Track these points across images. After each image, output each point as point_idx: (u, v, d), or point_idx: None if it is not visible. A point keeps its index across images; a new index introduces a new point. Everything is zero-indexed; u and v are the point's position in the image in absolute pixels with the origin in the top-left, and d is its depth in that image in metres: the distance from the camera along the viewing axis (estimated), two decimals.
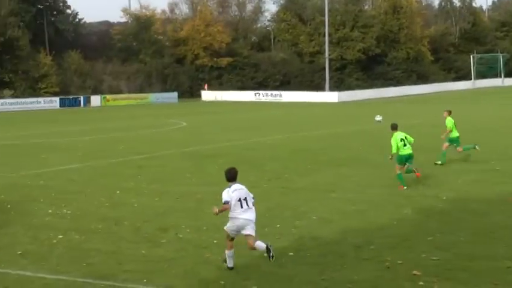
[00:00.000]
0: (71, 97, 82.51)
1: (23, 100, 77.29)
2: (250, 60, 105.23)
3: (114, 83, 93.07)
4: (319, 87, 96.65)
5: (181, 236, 15.04)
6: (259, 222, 16.15)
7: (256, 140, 36.19)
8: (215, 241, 14.48)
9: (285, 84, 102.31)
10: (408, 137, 21.05)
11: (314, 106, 73.28)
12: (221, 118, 56.34)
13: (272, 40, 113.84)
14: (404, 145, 20.84)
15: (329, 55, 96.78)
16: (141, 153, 30.63)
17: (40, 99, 79.24)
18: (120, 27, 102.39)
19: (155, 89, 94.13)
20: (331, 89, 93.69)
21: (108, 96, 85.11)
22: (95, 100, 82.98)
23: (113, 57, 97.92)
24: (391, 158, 21.12)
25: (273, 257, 12.06)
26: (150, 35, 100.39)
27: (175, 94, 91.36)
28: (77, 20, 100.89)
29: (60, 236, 15.02)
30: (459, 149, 25.98)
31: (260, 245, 12.23)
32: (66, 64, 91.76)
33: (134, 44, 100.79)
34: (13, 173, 24.79)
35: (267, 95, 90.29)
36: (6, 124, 52.47)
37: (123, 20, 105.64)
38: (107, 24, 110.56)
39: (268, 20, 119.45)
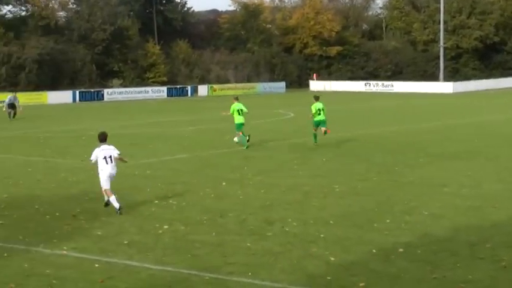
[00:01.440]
0: (178, 87, 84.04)
1: (131, 89, 79.20)
2: (360, 49, 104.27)
3: (221, 73, 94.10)
4: (433, 78, 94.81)
5: (287, 229, 15.05)
6: (368, 217, 16.05)
7: (365, 132, 35.85)
8: (322, 235, 14.42)
9: (397, 74, 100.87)
10: (324, 108, 30.51)
11: (427, 97, 71.94)
12: (329, 109, 55.82)
13: (384, 28, 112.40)
14: (319, 114, 30.20)
15: (444, 43, 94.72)
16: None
17: (148, 88, 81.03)
18: (228, 16, 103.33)
19: (263, 78, 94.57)
20: (446, 79, 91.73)
21: (215, 86, 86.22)
22: (202, 90, 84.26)
23: (221, 47, 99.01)
24: (311, 117, 30.45)
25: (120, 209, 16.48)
26: (259, 24, 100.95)
27: (283, 84, 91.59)
28: (186, 8, 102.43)
29: (166, 227, 15.30)
30: None
31: (114, 201, 16.63)
32: (174, 53, 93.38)
33: (242, 32, 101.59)
34: (121, 163, 25.42)
35: (377, 85, 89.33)
36: (114, 113, 53.96)
37: (232, 8, 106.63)
38: (215, 12, 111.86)
39: (380, 8, 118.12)
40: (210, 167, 24.31)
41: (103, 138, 17.79)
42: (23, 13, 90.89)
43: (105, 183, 17.02)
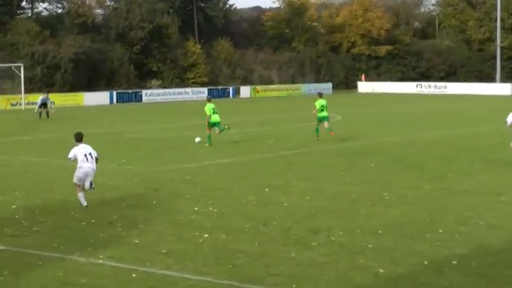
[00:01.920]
0: (219, 88, 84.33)
1: (170, 91, 79.60)
2: (412, 49, 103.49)
3: (264, 73, 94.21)
4: (489, 79, 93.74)
5: (333, 238, 15.01)
6: (419, 227, 15.93)
7: (416, 136, 35.59)
8: (370, 246, 14.35)
9: (451, 75, 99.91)
10: (325, 104, 33.98)
11: (483, 99, 71.17)
12: (379, 112, 55.83)
13: (437, 26, 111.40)
14: (322, 110, 33.86)
15: (501, 42, 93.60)
16: (291, 149, 30.88)
17: (188, 89, 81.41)
18: (272, 13, 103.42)
19: (308, 79, 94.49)
20: (503, 80, 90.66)
21: (258, 87, 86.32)
22: (245, 91, 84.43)
23: (264, 46, 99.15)
24: (314, 113, 34.14)
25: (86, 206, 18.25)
26: (304, 22, 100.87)
27: (329, 85, 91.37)
28: (227, 6, 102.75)
29: (206, 235, 15.36)
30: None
31: (82, 198, 18.45)
32: (216, 53, 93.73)
33: (287, 31, 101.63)
34: (159, 167, 25.63)
35: (430, 86, 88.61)
36: (153, 115, 54.33)
37: (276, 5, 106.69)
38: (258, 10, 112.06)
39: (433, 4, 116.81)
40: (253, 172, 24.35)
41: (79, 138, 19.57)
42: (59, 10, 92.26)
43: (76, 179, 18.67)
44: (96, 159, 19.01)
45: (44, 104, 50.40)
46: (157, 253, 14.09)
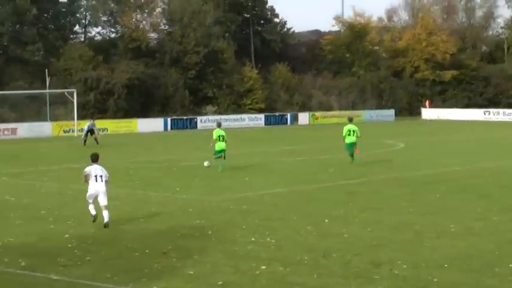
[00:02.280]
0: (277, 114, 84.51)
1: (226, 117, 79.60)
2: (479, 73, 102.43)
3: (323, 99, 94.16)
4: None
5: (396, 272, 14.91)
6: (487, 260, 15.72)
7: (483, 166, 35.19)
8: (435, 280, 14.23)
9: None
10: (357, 130, 35.49)
11: None
12: (443, 139, 55.32)
13: (505, 50, 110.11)
14: (349, 134, 35.54)
15: None
16: (352, 178, 30.78)
17: (244, 116, 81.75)
18: (332, 37, 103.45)
19: (369, 105, 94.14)
20: None
21: (317, 114, 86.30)
22: (303, 118, 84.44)
23: (323, 70, 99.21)
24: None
25: (106, 225, 19.85)
26: (365, 45, 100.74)
27: (391, 111, 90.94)
28: (285, 29, 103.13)
29: (263, 267, 15.38)
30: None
31: (105, 214, 20.06)
32: (273, 78, 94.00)
33: (347, 55, 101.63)
34: (215, 196, 25.76)
35: (498, 113, 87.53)
36: (209, 142, 54.61)
37: (335, 28, 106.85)
38: (317, 33, 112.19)
39: (502, 27, 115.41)
40: (312, 202, 24.33)
41: (95, 159, 21.30)
42: (113, 35, 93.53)
43: (89, 199, 20.65)
44: (106, 181, 20.65)
45: (90, 131, 51.23)
46: (212, 285, 14.14)
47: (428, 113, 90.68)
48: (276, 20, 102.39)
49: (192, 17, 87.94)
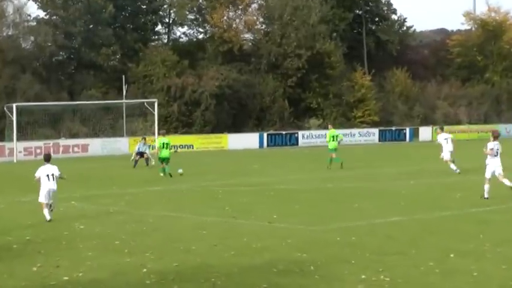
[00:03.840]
0: (393, 129, 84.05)
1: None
2: None
3: (450, 111, 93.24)
4: None
5: None
6: None
7: None
8: None
9: None
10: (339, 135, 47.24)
11: None
12: None
13: None
14: (333, 140, 47.09)
15: None
16: (484, 204, 30.27)
17: (354, 131, 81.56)
18: (461, 37, 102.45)
19: (505, 118, 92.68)
20: None
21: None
22: (425, 133, 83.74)
23: (450, 77, 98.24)
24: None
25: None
26: (501, 46, 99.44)
27: None
28: (404, 28, 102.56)
29: None
30: None
31: (48, 213, 26.20)
32: (389, 86, 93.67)
33: (479, 58, 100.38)
34: (318, 226, 25.69)
35: None
36: (311, 162, 54.63)
37: (465, 27, 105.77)
38: (443, 33, 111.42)
39: None
40: (434, 233, 24.03)
41: (47, 158, 26.72)
42: (200, 36, 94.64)
43: (43, 198, 26.13)
44: (57, 178, 26.20)
45: (140, 153, 52.20)
46: None
47: None
48: (394, 17, 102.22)
49: (294, 14, 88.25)
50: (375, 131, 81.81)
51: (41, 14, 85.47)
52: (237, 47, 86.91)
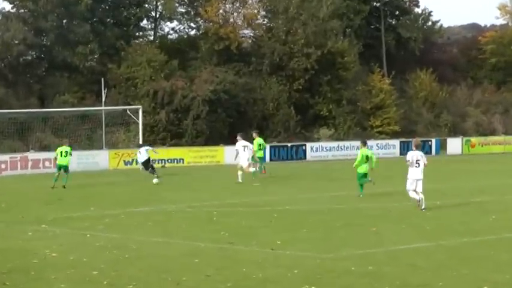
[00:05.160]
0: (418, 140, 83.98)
1: (347, 144, 79.30)
2: None
3: (483, 119, 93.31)
4: None
5: None
6: None
7: None
8: None
9: None
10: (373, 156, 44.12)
11: None
12: None
13: None
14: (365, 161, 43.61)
15: None
16: None
17: (372, 142, 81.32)
18: (495, 33, 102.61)
19: None
20: None
21: (473, 140, 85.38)
22: (453, 145, 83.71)
23: (483, 80, 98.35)
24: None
25: None
26: None
27: None
28: (430, 23, 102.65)
29: None
30: None
31: None
32: (412, 90, 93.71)
33: None
34: (329, 253, 25.71)
35: None
36: (322, 179, 54.66)
37: (500, 21, 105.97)
38: (475, 28, 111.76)
39: None
40: (465, 262, 24.05)
41: None
42: (192, 32, 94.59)
43: None
44: None
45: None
46: None
47: None
48: (417, 10, 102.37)
49: (301, 7, 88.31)
50: (396, 142, 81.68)
51: (7, 7, 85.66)
52: (234, 45, 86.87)
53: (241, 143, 52.17)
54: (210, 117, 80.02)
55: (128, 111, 70.28)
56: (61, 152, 49.91)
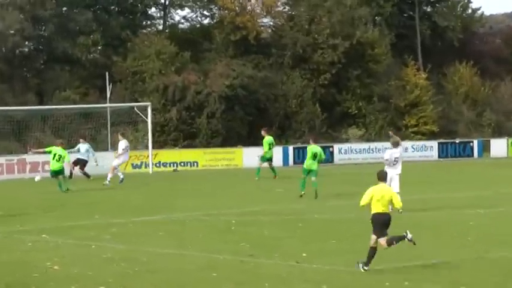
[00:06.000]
0: (457, 141, 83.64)
1: (378, 145, 78.71)
2: None
3: None
4: None
5: None
6: None
7: None
8: None
9: None
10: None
11: None
12: None
13: None
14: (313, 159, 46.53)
15: None
16: None
17: (407, 143, 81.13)
18: None
19: None
20: None
21: None
22: (498, 146, 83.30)
23: None
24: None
25: None
26: None
27: None
28: (469, 11, 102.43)
29: None
30: None
31: None
32: (451, 86, 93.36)
33: None
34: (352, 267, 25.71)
35: None
36: (352, 183, 54.65)
37: None
38: None
39: None
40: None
41: None
42: (206, 21, 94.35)
43: None
44: None
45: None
46: None
47: None
48: None
49: None
50: (433, 144, 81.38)
51: None
52: (253, 35, 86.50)
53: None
54: (227, 115, 79.86)
55: (135, 108, 70.23)
56: (54, 155, 48.68)
